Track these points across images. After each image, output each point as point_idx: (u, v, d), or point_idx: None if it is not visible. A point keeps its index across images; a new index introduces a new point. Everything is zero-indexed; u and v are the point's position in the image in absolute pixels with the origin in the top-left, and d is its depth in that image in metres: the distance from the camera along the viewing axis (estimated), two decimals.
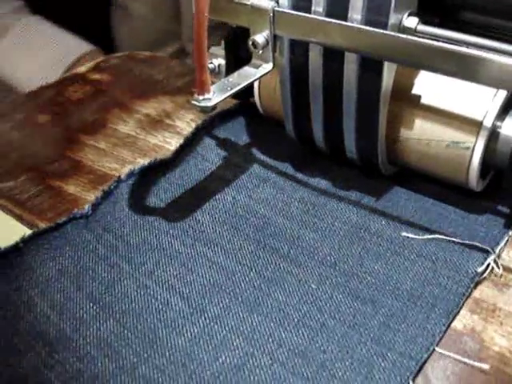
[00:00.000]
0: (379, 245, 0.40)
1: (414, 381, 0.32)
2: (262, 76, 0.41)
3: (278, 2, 0.40)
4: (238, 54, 0.47)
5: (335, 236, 0.41)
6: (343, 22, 0.37)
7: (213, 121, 0.52)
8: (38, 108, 0.60)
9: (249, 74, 0.41)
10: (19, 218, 0.45)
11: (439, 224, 0.42)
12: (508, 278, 0.38)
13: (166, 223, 0.43)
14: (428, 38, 0.36)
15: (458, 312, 0.36)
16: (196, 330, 0.34)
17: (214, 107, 0.37)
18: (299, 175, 0.47)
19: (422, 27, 0.37)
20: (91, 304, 0.37)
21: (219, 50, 0.49)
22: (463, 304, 0.36)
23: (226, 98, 0.38)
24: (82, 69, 0.67)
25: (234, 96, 0.40)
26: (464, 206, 0.43)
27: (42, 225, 0.43)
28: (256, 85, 0.49)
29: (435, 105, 0.41)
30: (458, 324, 0.35)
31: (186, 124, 0.55)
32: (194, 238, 0.41)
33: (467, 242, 0.40)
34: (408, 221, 0.42)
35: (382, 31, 0.36)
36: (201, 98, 0.37)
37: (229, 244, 0.41)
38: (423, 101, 0.42)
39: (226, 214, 0.43)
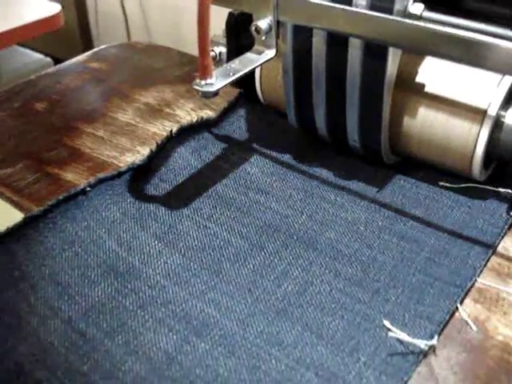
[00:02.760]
0: (418, 193, 0.43)
1: (461, 304, 0.35)
2: (264, 62, 0.41)
3: None
4: (240, 41, 0.47)
5: (377, 185, 0.44)
6: (348, 7, 0.37)
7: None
8: (35, 96, 0.60)
9: (251, 60, 0.40)
10: (17, 205, 0.44)
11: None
12: (511, 269, 0.38)
13: (218, 174, 0.45)
14: (433, 25, 0.36)
15: (495, 251, 0.39)
16: (257, 263, 0.38)
17: (216, 93, 0.37)
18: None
19: (427, 13, 0.37)
20: (156, 241, 0.40)
21: (220, 38, 0.48)
22: (499, 242, 0.39)
23: (228, 84, 0.38)
24: (81, 57, 0.67)
25: (235, 84, 0.40)
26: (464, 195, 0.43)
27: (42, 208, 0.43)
28: (257, 74, 0.48)
29: (439, 94, 0.41)
30: (462, 313, 0.35)
31: (186, 113, 0.55)
32: (246, 187, 0.44)
33: (500, 189, 0.42)
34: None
35: (387, 16, 0.35)
36: (203, 82, 0.36)
37: (279, 192, 0.44)
38: (427, 89, 0.41)
39: (274, 167, 0.46)
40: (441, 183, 0.44)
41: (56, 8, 1.15)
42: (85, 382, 0.31)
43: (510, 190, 0.41)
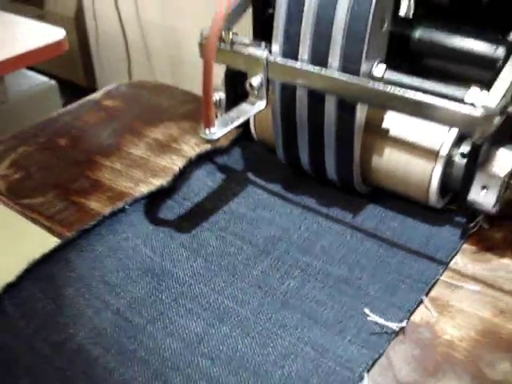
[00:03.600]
0: (388, 215, 0.53)
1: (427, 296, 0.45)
2: (257, 112, 0.50)
3: (270, 51, 0.49)
4: (236, 90, 0.56)
5: (355, 209, 0.54)
6: (322, 70, 0.45)
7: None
8: (57, 132, 0.68)
9: (246, 110, 0.49)
10: (49, 230, 0.53)
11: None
12: (460, 280, 0.47)
13: (230, 193, 0.55)
14: (393, 83, 0.45)
15: (447, 265, 0.48)
16: (265, 265, 0.48)
17: (212, 141, 0.46)
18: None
19: (388, 74, 0.46)
20: (183, 249, 0.49)
21: (220, 86, 0.57)
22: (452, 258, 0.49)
23: (227, 132, 0.46)
24: (95, 95, 0.76)
25: None
26: (426, 219, 0.52)
27: (73, 234, 0.51)
28: (251, 118, 0.57)
29: (401, 137, 0.50)
30: (416, 317, 0.44)
31: (191, 148, 0.64)
32: (254, 204, 0.54)
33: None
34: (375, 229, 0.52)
35: (353, 79, 0.44)
36: (207, 131, 0.45)
37: (281, 208, 0.54)
38: (391, 133, 0.50)
39: (276, 189, 0.57)
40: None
41: (60, 34, 1.21)
42: (133, 357, 0.40)
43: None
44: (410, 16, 0.53)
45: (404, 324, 0.42)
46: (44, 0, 1.91)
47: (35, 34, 1.21)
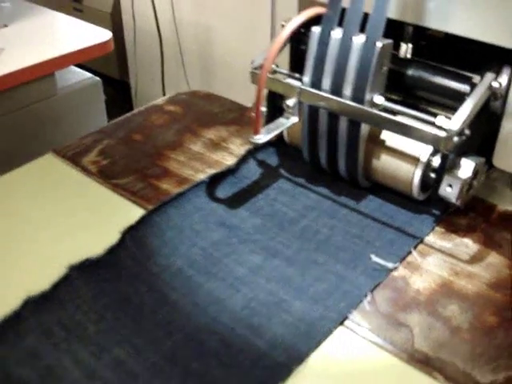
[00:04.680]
0: (380, 203, 0.71)
1: (367, 295, 0.60)
2: (291, 125, 0.69)
3: (302, 81, 0.68)
4: (276, 105, 0.75)
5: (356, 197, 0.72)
6: (337, 98, 0.65)
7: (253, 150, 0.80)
8: (133, 129, 0.88)
9: (283, 123, 0.69)
10: (134, 203, 0.73)
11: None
12: (431, 252, 0.65)
13: (274, 178, 0.76)
14: (386, 110, 0.64)
15: (422, 240, 0.66)
16: (304, 223, 0.67)
17: (259, 144, 0.65)
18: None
19: (385, 103, 0.65)
20: (245, 211, 0.69)
21: (264, 101, 0.76)
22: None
23: (269, 138, 0.66)
24: (159, 101, 0.95)
25: None
26: (410, 207, 0.71)
27: (150, 207, 0.70)
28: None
29: (393, 146, 0.68)
30: (395, 273, 0.63)
31: (236, 146, 0.83)
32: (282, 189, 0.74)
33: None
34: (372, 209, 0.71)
35: (359, 106, 0.63)
36: (255, 137, 0.65)
37: (300, 196, 0.72)
38: (386, 144, 0.69)
39: (297, 182, 0.76)
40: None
41: (107, 35, 1.32)
42: (215, 277, 0.60)
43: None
44: (408, 57, 0.72)
45: (397, 265, 0.63)
46: None
47: (84, 34, 1.33)
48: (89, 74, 1.45)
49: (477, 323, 0.57)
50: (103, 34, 1.32)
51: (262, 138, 0.65)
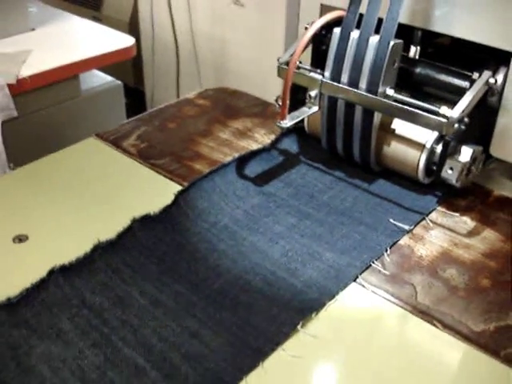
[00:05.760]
0: (390, 185, 0.81)
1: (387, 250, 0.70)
2: (312, 113, 0.79)
3: (323, 75, 0.78)
4: (297, 97, 0.84)
5: (369, 180, 0.81)
6: (354, 90, 0.74)
7: (278, 138, 0.89)
8: (167, 118, 0.98)
9: (305, 111, 0.79)
10: (172, 180, 0.82)
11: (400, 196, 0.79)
12: (433, 227, 0.75)
13: (290, 163, 0.85)
14: (396, 100, 0.73)
15: (428, 214, 0.76)
16: (331, 194, 0.78)
17: (288, 128, 0.75)
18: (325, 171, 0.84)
19: (395, 95, 0.74)
20: (280, 182, 0.80)
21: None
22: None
23: (294, 124, 0.75)
24: (190, 96, 1.05)
25: None
26: (417, 190, 0.80)
27: (185, 184, 0.80)
28: (306, 117, 0.86)
29: (402, 134, 0.78)
30: (401, 242, 0.72)
31: (260, 136, 0.93)
32: (303, 173, 0.83)
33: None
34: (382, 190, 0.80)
35: (373, 96, 0.73)
36: (282, 122, 0.74)
37: (320, 179, 0.82)
38: (396, 132, 0.78)
39: (318, 166, 0.85)
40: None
41: (131, 41, 1.41)
42: (256, 232, 0.71)
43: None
44: (417, 57, 0.81)
45: (412, 227, 0.73)
46: (101, 4, 2.06)
47: (108, 39, 1.41)
48: (110, 78, 1.52)
49: (472, 284, 0.66)
50: (126, 40, 1.41)
51: (288, 122, 0.75)
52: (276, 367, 0.56)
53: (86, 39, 1.42)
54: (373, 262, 0.68)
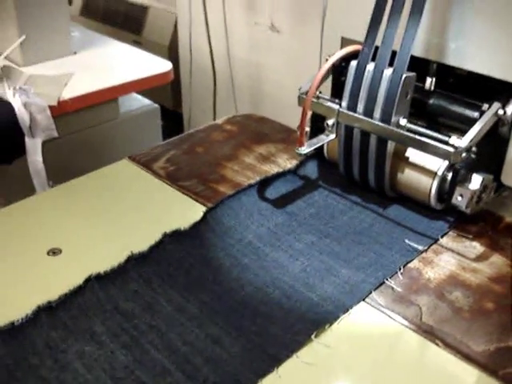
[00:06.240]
0: (404, 211, 0.84)
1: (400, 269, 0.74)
2: (330, 140, 0.83)
3: (340, 105, 0.82)
4: (317, 125, 0.89)
5: (383, 205, 0.85)
6: (369, 119, 0.79)
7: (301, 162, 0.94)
8: (195, 143, 1.04)
9: (323, 139, 0.83)
10: (197, 201, 0.87)
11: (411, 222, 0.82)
12: (443, 251, 0.78)
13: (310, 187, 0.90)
14: (409, 130, 0.77)
15: (436, 241, 0.79)
16: (350, 214, 0.84)
17: (306, 154, 0.80)
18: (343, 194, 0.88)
19: (408, 125, 0.78)
20: (301, 202, 0.85)
21: (308, 122, 0.90)
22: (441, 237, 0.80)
23: (311, 150, 0.80)
24: (219, 121, 1.11)
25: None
26: (429, 215, 0.83)
27: (210, 204, 0.85)
28: (325, 144, 0.90)
29: (415, 162, 0.82)
30: (410, 265, 0.75)
31: (283, 161, 0.97)
32: (325, 195, 0.88)
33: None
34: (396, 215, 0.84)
35: (386, 126, 0.77)
36: (300, 149, 0.79)
37: (338, 204, 0.86)
38: (409, 159, 0.82)
39: (335, 193, 0.89)
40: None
41: (168, 65, 1.45)
42: (277, 248, 0.76)
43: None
44: (432, 88, 0.85)
45: (426, 247, 0.77)
46: (142, 29, 2.14)
47: (147, 64, 1.46)
48: (148, 101, 1.57)
49: (476, 307, 0.69)
50: (164, 65, 1.45)
51: (306, 149, 0.80)
52: (290, 373, 0.60)
53: (125, 63, 1.47)
54: (386, 279, 0.72)
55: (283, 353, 0.61)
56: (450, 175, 0.79)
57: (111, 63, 1.48)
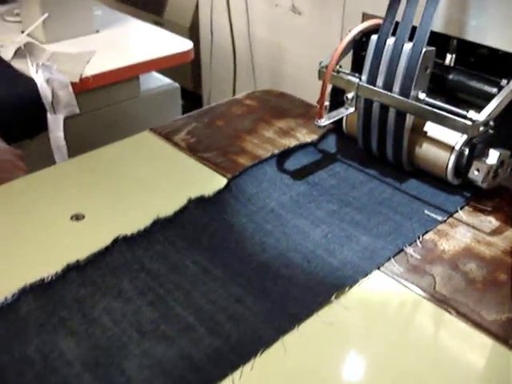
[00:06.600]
0: (420, 184, 0.86)
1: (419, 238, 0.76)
2: (349, 114, 0.84)
3: (360, 79, 0.83)
4: (337, 99, 0.90)
5: (400, 178, 0.87)
6: (388, 93, 0.80)
7: (321, 136, 0.96)
8: (216, 116, 1.05)
9: (342, 112, 0.84)
10: (217, 172, 0.89)
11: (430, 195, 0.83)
12: (458, 224, 0.79)
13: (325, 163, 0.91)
14: (428, 104, 0.78)
15: (452, 214, 0.81)
16: (367, 187, 0.85)
17: (325, 126, 0.81)
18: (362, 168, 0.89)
19: (426, 98, 0.79)
20: (306, 186, 0.85)
21: (327, 97, 0.91)
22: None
23: (330, 123, 0.81)
24: (239, 97, 1.12)
25: (333, 122, 0.84)
26: (446, 189, 0.84)
27: (229, 175, 0.87)
28: (344, 118, 0.91)
29: (433, 136, 0.82)
30: (426, 237, 0.76)
31: (302, 135, 0.99)
32: (336, 171, 0.89)
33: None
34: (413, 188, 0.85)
35: (405, 99, 0.78)
36: (319, 121, 0.80)
37: (353, 175, 0.88)
38: (428, 134, 0.83)
39: (352, 166, 0.91)
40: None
41: (189, 45, 1.47)
42: (295, 213, 0.79)
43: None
44: (452, 64, 0.86)
45: (445, 218, 0.79)
46: (163, 9, 2.14)
47: (167, 43, 1.48)
48: (169, 80, 1.59)
49: (489, 278, 0.70)
50: (185, 44, 1.48)
51: (325, 121, 0.81)
52: (310, 331, 0.63)
53: (146, 42, 1.49)
54: (405, 247, 0.74)
55: (304, 312, 0.63)
56: (467, 150, 0.80)
57: (133, 42, 1.51)
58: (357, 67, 0.88)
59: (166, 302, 0.63)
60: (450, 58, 0.86)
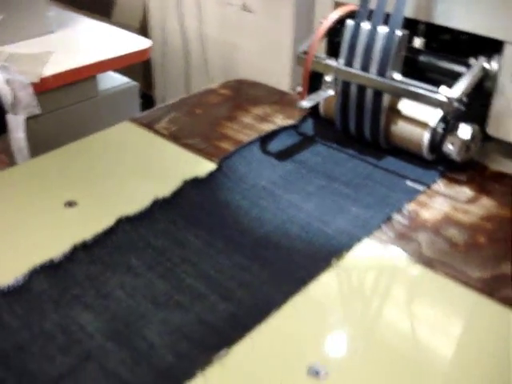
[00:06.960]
0: (397, 160, 0.90)
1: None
2: (327, 96, 0.89)
3: (337, 62, 0.88)
4: (316, 83, 0.94)
5: (377, 155, 0.91)
6: (366, 74, 0.84)
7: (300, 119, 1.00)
8: (194, 105, 1.08)
9: (322, 95, 0.89)
10: (201, 156, 0.92)
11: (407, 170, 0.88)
12: (436, 195, 0.84)
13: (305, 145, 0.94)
14: (402, 83, 0.83)
15: (429, 187, 0.86)
16: (350, 165, 0.89)
17: (306, 108, 0.85)
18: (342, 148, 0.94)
19: (401, 78, 0.84)
20: (292, 165, 0.88)
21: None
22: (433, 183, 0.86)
23: (312, 105, 0.85)
24: (213, 86, 1.15)
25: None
26: (422, 165, 0.89)
27: (215, 159, 0.89)
28: (321, 101, 0.96)
29: (408, 114, 0.88)
30: (409, 207, 0.81)
31: (279, 120, 1.02)
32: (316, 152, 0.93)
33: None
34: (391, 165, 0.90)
35: (381, 79, 0.83)
36: (303, 102, 0.84)
37: (332, 154, 0.92)
38: (403, 112, 0.88)
39: (331, 145, 0.95)
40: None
41: (147, 43, 1.47)
42: (289, 187, 0.83)
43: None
44: (422, 48, 0.91)
45: (423, 188, 0.84)
46: (111, 11, 2.11)
47: (124, 42, 1.47)
48: (127, 79, 1.57)
49: (470, 241, 0.76)
50: (142, 42, 1.47)
51: (307, 103, 0.85)
52: (315, 293, 0.67)
53: (103, 41, 1.48)
54: (393, 214, 0.79)
55: (307, 276, 0.67)
56: (441, 126, 0.85)
57: (89, 41, 1.49)
58: (331, 53, 0.92)
59: (176, 274, 0.66)
60: (419, 42, 0.91)
